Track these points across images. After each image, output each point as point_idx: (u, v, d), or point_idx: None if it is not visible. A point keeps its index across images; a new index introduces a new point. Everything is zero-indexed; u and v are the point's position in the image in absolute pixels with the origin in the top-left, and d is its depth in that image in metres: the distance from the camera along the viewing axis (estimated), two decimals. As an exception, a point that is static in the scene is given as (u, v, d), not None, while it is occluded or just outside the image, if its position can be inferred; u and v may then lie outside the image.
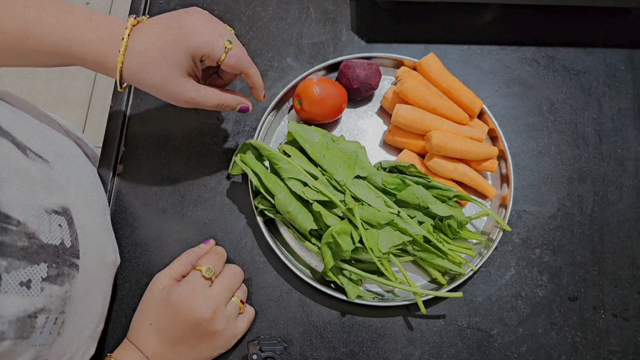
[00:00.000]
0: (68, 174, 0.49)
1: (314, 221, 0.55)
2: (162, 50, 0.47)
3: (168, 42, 0.47)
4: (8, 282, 0.33)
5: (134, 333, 0.51)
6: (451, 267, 0.55)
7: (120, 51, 0.46)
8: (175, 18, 0.48)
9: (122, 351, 0.50)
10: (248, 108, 0.55)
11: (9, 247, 0.33)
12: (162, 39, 0.47)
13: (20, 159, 0.39)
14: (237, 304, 0.52)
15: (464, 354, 0.56)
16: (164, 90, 0.48)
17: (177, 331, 0.49)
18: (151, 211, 0.60)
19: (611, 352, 0.57)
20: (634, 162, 0.65)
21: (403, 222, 0.55)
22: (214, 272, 0.51)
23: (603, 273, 0.60)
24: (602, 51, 0.69)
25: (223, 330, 0.50)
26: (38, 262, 0.36)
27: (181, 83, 0.48)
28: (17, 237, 0.35)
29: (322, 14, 0.70)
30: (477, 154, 0.60)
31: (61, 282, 0.39)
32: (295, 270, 0.56)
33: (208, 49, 0.48)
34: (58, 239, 0.40)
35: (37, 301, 0.36)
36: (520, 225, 0.61)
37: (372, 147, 0.63)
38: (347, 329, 0.57)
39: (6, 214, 0.34)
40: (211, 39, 0.48)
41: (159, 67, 0.47)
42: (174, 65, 0.47)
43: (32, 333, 0.36)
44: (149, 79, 0.47)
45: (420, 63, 0.63)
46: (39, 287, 0.36)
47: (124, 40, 0.46)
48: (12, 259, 0.33)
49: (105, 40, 0.46)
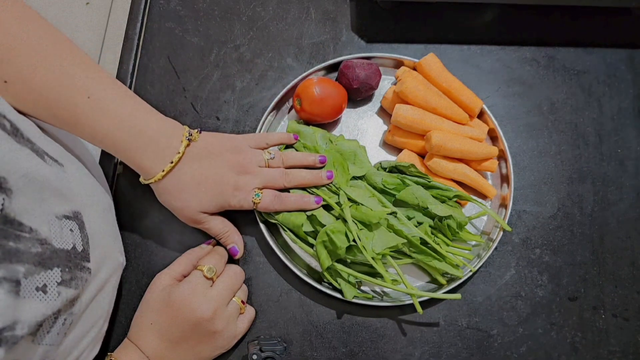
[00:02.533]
0: (80, 176, 0.49)
1: (309, 223, 0.55)
2: (198, 190, 0.50)
3: (208, 194, 0.51)
4: (26, 288, 0.34)
5: (135, 333, 0.51)
6: (448, 269, 0.55)
7: (164, 170, 0.49)
8: (223, 170, 0.52)
9: (123, 351, 0.50)
10: (237, 253, 0.55)
11: (24, 253, 0.34)
12: (204, 186, 0.50)
13: (38, 166, 0.39)
14: (238, 304, 0.52)
15: (464, 354, 0.56)
16: (178, 213, 0.53)
17: (177, 331, 0.49)
18: (151, 211, 0.60)
19: (611, 352, 0.57)
20: (634, 162, 0.65)
21: (400, 224, 0.55)
22: (215, 272, 0.51)
23: (603, 273, 0.60)
24: (602, 51, 0.69)
25: (223, 330, 0.50)
26: (52, 267, 0.37)
27: (196, 215, 0.52)
28: (31, 243, 0.35)
29: (322, 14, 0.70)
30: (477, 154, 0.60)
31: (75, 286, 0.40)
32: (295, 270, 0.56)
33: (239, 207, 0.53)
34: (70, 244, 0.40)
35: (55, 305, 0.36)
36: (520, 225, 0.62)
37: (372, 147, 0.63)
38: (347, 329, 0.57)
39: (19, 222, 0.34)
40: (241, 203, 0.52)
41: (185, 204, 0.51)
42: (201, 206, 0.51)
43: (45, 336, 0.36)
44: (172, 201, 0.51)
45: (420, 63, 0.63)
46: (56, 292, 0.37)
47: (172, 164, 0.49)
48: (29, 265, 0.34)
49: (151, 157, 0.48)
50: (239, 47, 0.68)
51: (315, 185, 0.56)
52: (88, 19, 1.68)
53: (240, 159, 0.53)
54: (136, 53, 0.66)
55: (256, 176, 0.53)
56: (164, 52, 0.67)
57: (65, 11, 1.67)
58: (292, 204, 0.54)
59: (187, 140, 0.50)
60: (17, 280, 0.32)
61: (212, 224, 0.54)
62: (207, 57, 0.67)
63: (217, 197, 0.52)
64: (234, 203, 0.52)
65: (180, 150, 0.49)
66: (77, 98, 0.45)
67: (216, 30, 0.68)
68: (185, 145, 0.50)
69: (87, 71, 0.46)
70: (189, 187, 0.50)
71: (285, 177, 0.54)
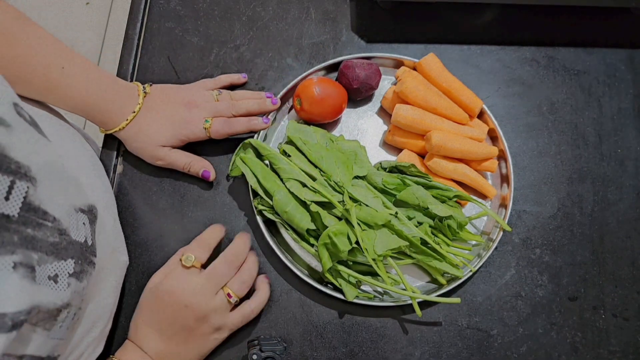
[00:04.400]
0: (90, 173, 0.52)
1: (312, 222, 0.55)
2: (156, 132, 0.58)
3: (162, 129, 0.58)
4: (40, 275, 0.34)
5: (134, 332, 0.51)
6: (449, 269, 0.55)
7: (128, 120, 0.56)
8: (174, 108, 0.58)
9: (124, 351, 0.50)
10: (209, 175, 0.60)
11: (39, 241, 0.34)
12: (159, 123, 0.57)
13: (56, 157, 0.40)
14: (224, 296, 0.52)
15: (464, 354, 0.56)
16: (141, 153, 0.59)
17: (167, 322, 0.50)
18: (151, 211, 0.60)
19: (611, 352, 0.57)
20: (634, 162, 0.65)
21: (400, 224, 0.55)
22: (193, 259, 0.52)
23: (603, 273, 0.60)
24: (602, 51, 0.69)
25: (208, 316, 0.50)
26: (65, 258, 0.38)
27: (156, 149, 0.58)
28: (50, 233, 0.36)
29: (322, 14, 0.70)
30: (477, 154, 0.60)
31: (82, 279, 0.41)
32: (295, 270, 0.56)
33: (193, 137, 0.59)
34: (83, 237, 0.42)
35: (64, 296, 0.37)
36: (520, 225, 0.61)
37: (372, 147, 0.63)
38: (347, 329, 0.57)
39: (44, 210, 0.35)
40: (193, 130, 0.58)
41: (146, 142, 0.58)
42: (158, 143, 0.58)
43: (53, 326, 0.37)
44: (133, 143, 0.58)
45: (420, 63, 0.63)
46: (66, 282, 0.37)
47: (134, 113, 0.57)
48: (42, 253, 0.34)
49: (117, 110, 0.56)
50: (239, 47, 0.68)
51: (261, 112, 0.61)
52: (88, 19, 1.68)
53: (190, 98, 0.59)
54: (136, 53, 0.66)
55: (205, 108, 0.59)
56: (164, 52, 0.67)
57: (65, 11, 1.67)
58: (241, 126, 0.59)
59: (144, 92, 0.58)
60: (32, 266, 0.33)
61: (174, 157, 0.59)
62: (207, 57, 0.67)
63: (171, 129, 0.58)
64: (186, 132, 0.58)
65: (139, 102, 0.57)
66: (51, 68, 0.52)
67: (216, 30, 0.68)
68: (142, 96, 0.57)
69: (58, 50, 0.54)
70: (146, 129, 0.57)
71: (232, 107, 0.60)
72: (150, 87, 0.59)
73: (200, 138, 0.59)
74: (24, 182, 0.32)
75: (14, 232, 0.31)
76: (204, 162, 0.60)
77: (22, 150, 0.33)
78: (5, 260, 0.30)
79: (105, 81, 0.56)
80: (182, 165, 0.59)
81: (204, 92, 0.60)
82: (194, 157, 0.60)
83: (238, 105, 0.60)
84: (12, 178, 0.31)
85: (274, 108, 0.61)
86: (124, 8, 1.77)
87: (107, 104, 0.55)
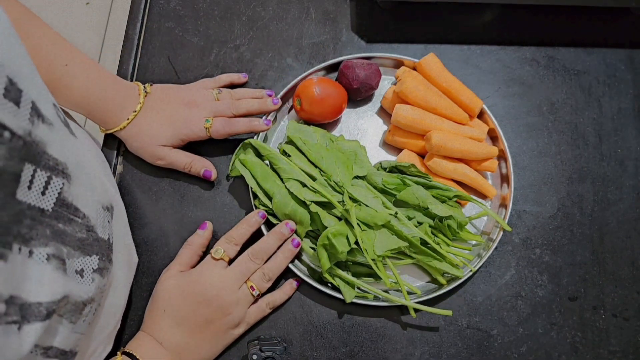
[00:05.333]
0: (103, 172, 0.53)
1: (312, 223, 0.55)
2: (156, 132, 0.58)
3: (162, 128, 0.57)
4: (69, 268, 0.35)
5: (149, 323, 0.51)
6: (449, 269, 0.55)
7: (129, 119, 0.56)
8: (175, 107, 0.58)
9: (137, 342, 0.50)
10: (210, 175, 0.60)
11: (68, 236, 0.35)
12: (159, 123, 0.57)
13: (85, 157, 0.41)
14: (248, 290, 0.53)
15: (464, 354, 0.56)
16: (141, 153, 0.59)
17: (189, 313, 0.50)
18: (151, 211, 0.60)
19: (611, 352, 0.57)
20: (634, 162, 0.65)
21: (400, 224, 0.55)
22: (222, 252, 0.53)
23: (603, 273, 0.60)
24: (602, 51, 0.69)
25: (231, 308, 0.51)
26: (90, 254, 0.39)
27: (156, 149, 0.58)
28: (79, 228, 0.37)
29: (322, 14, 0.70)
30: (477, 154, 0.60)
31: (104, 275, 0.42)
32: (295, 270, 0.56)
33: (194, 137, 0.59)
34: (107, 234, 0.43)
35: (89, 290, 0.38)
36: (520, 225, 0.61)
37: (372, 147, 0.63)
38: (347, 329, 0.57)
39: (76, 207, 0.37)
40: (194, 130, 0.58)
41: (146, 142, 0.58)
42: (159, 143, 0.58)
43: (78, 319, 0.37)
44: (133, 143, 0.58)
45: (420, 63, 0.63)
46: (90, 278, 0.39)
47: (135, 112, 0.57)
48: (70, 247, 0.36)
49: (118, 110, 0.56)
50: (239, 47, 0.68)
51: (262, 112, 0.61)
52: (88, 19, 1.68)
53: (190, 98, 0.59)
54: (136, 53, 0.66)
55: (205, 108, 0.59)
56: (164, 52, 0.67)
57: (65, 11, 1.67)
58: (242, 126, 0.59)
59: (144, 92, 0.58)
60: (63, 259, 0.34)
61: (175, 157, 0.59)
62: (207, 57, 0.67)
63: (171, 129, 0.58)
64: (187, 132, 0.58)
65: (140, 101, 0.57)
66: (54, 65, 0.52)
67: (216, 30, 0.68)
68: (143, 96, 0.58)
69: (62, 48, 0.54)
70: (146, 128, 0.57)
71: (232, 107, 0.60)
72: (150, 86, 0.59)
73: (200, 138, 0.59)
74: (60, 179, 0.34)
75: (47, 225, 0.32)
76: (205, 162, 0.60)
77: (59, 148, 0.34)
78: (40, 252, 0.31)
79: (107, 80, 0.56)
80: (182, 165, 0.59)
81: (205, 92, 0.61)
82: (194, 157, 0.60)
83: (238, 105, 0.60)
84: (49, 174, 0.32)
85: (275, 108, 0.61)
86: (124, 8, 1.77)
87: (107, 103, 0.56)
